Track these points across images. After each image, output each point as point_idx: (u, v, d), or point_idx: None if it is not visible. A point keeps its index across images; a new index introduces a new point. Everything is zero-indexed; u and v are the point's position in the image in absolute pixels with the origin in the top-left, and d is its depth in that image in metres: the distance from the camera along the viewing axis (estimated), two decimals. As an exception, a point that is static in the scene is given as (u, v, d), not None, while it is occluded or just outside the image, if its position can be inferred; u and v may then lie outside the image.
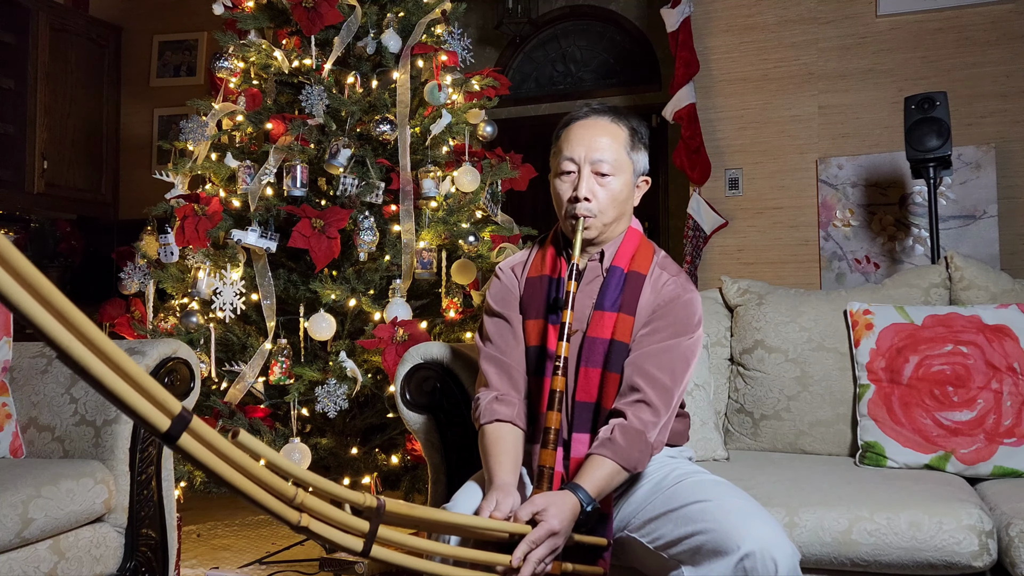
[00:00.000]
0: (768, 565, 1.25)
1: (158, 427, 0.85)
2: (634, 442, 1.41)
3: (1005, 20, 3.83)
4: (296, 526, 0.98)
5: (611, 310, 1.52)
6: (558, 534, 1.28)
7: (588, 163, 1.53)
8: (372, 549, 1.05)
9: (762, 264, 4.19)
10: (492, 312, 1.64)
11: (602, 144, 1.54)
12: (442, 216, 2.82)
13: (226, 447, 0.91)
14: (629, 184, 1.57)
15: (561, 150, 1.57)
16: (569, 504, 1.32)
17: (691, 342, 1.53)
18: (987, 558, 1.52)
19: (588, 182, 1.52)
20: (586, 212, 1.52)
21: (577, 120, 1.58)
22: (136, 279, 2.89)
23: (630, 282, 1.54)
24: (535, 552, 1.26)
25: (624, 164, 1.56)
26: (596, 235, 1.55)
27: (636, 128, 1.59)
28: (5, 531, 1.63)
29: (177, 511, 2.15)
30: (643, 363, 1.48)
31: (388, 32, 2.91)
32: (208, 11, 3.24)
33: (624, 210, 1.58)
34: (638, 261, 1.57)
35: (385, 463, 2.74)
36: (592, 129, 1.55)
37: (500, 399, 1.54)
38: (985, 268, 2.23)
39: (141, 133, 5.44)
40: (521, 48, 5.80)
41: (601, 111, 1.59)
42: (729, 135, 4.27)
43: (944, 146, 3.32)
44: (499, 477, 1.42)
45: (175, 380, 2.06)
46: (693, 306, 1.55)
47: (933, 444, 1.92)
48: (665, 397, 1.47)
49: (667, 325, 1.51)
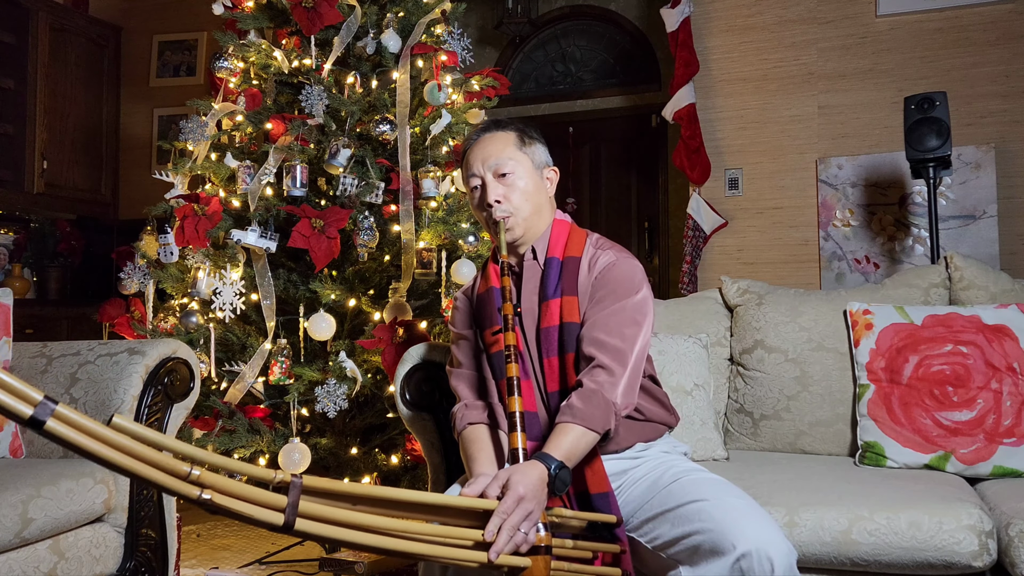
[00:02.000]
0: (764, 565, 1.25)
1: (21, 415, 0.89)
2: (591, 401, 1.44)
3: (1005, 20, 3.84)
4: (198, 501, 0.99)
5: (554, 296, 1.59)
6: (525, 498, 1.27)
7: (488, 170, 1.63)
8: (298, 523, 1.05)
9: (762, 264, 4.19)
10: (455, 337, 1.74)
11: (494, 150, 1.64)
12: (442, 216, 2.82)
13: (101, 431, 0.94)
14: (533, 177, 1.65)
15: (465, 172, 1.69)
16: (534, 470, 1.32)
17: (636, 300, 1.56)
18: (987, 558, 1.52)
19: (493, 187, 1.62)
20: (503, 213, 1.61)
21: (471, 144, 1.69)
22: (136, 279, 2.89)
23: (567, 266, 1.61)
24: (508, 520, 1.24)
25: (520, 159, 1.64)
26: (521, 232, 1.63)
27: (522, 128, 1.70)
28: (5, 531, 1.63)
29: (177, 511, 2.15)
30: (591, 332, 1.53)
31: (388, 32, 2.91)
32: (208, 11, 3.24)
33: (538, 202, 1.65)
34: (571, 247, 1.64)
35: (385, 463, 2.74)
36: (482, 143, 1.67)
37: (469, 406, 1.63)
38: (985, 268, 2.23)
39: (141, 133, 5.44)
40: (521, 48, 5.80)
41: (486, 127, 1.70)
42: (729, 135, 4.27)
43: (944, 146, 3.32)
44: (476, 470, 1.49)
45: (175, 380, 2.06)
46: (630, 268, 1.60)
47: (933, 444, 1.92)
48: (619, 357, 1.50)
49: (608, 293, 1.57)
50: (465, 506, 1.27)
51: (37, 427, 0.91)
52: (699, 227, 4.21)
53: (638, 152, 5.56)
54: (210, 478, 1.00)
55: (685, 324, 2.34)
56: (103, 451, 0.94)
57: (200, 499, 0.99)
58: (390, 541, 1.14)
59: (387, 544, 1.13)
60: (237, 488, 1.02)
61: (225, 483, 1.01)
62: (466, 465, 1.56)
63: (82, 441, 0.93)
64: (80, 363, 2.06)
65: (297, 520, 1.04)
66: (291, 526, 1.04)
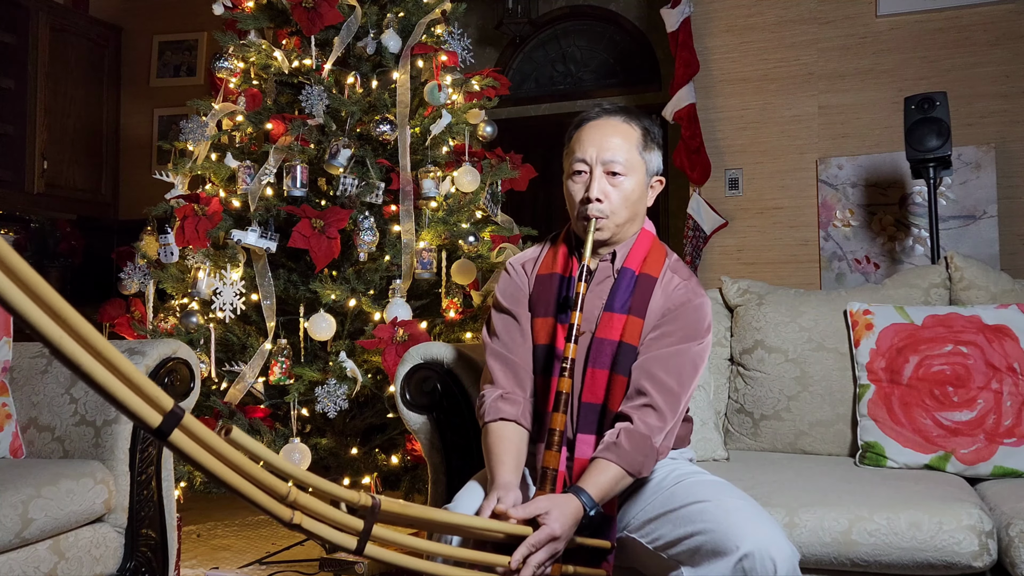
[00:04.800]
0: (767, 565, 1.25)
1: (149, 423, 0.86)
2: (639, 447, 1.40)
3: (1005, 20, 3.83)
4: (289, 523, 0.98)
5: (621, 312, 1.50)
6: (559, 539, 1.27)
7: (600, 163, 1.52)
8: (367, 547, 1.05)
9: (762, 264, 4.19)
10: (500, 308, 1.62)
11: (614, 144, 1.52)
12: (442, 216, 2.82)
13: (219, 444, 0.91)
14: (642, 184, 1.56)
15: (573, 151, 1.56)
16: (572, 508, 1.31)
17: (700, 347, 1.52)
18: (987, 558, 1.52)
19: (600, 183, 1.51)
20: (598, 213, 1.50)
21: (589, 121, 1.57)
22: (136, 279, 2.89)
23: (641, 284, 1.53)
24: (535, 556, 1.25)
25: (636, 164, 1.54)
26: (609, 236, 1.54)
27: (649, 128, 1.58)
28: (5, 531, 1.63)
29: (177, 511, 2.15)
30: (651, 367, 1.47)
31: (388, 32, 2.91)
32: (208, 11, 3.24)
33: (637, 211, 1.57)
34: (650, 264, 1.55)
35: (385, 463, 2.74)
36: (604, 129, 1.54)
37: (505, 397, 1.52)
38: (985, 268, 2.23)
39: (141, 133, 5.44)
40: (521, 48, 5.80)
41: (613, 111, 1.58)
42: (729, 135, 4.27)
43: (944, 146, 3.32)
44: (501, 476, 1.42)
45: (175, 380, 2.06)
46: (703, 311, 1.53)
47: (933, 444, 1.92)
48: (672, 402, 1.46)
49: (677, 329, 1.50)
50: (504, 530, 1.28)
51: (162, 438, 0.87)
52: (699, 227, 4.21)
53: (638, 152, 5.55)
54: (303, 500, 0.99)
55: (685, 324, 2.34)
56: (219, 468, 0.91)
57: (291, 522, 0.98)
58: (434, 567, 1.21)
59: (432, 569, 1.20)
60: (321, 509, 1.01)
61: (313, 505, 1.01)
62: (488, 461, 1.48)
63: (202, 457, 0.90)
64: (80, 363, 2.05)
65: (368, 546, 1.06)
66: (362, 551, 1.06)
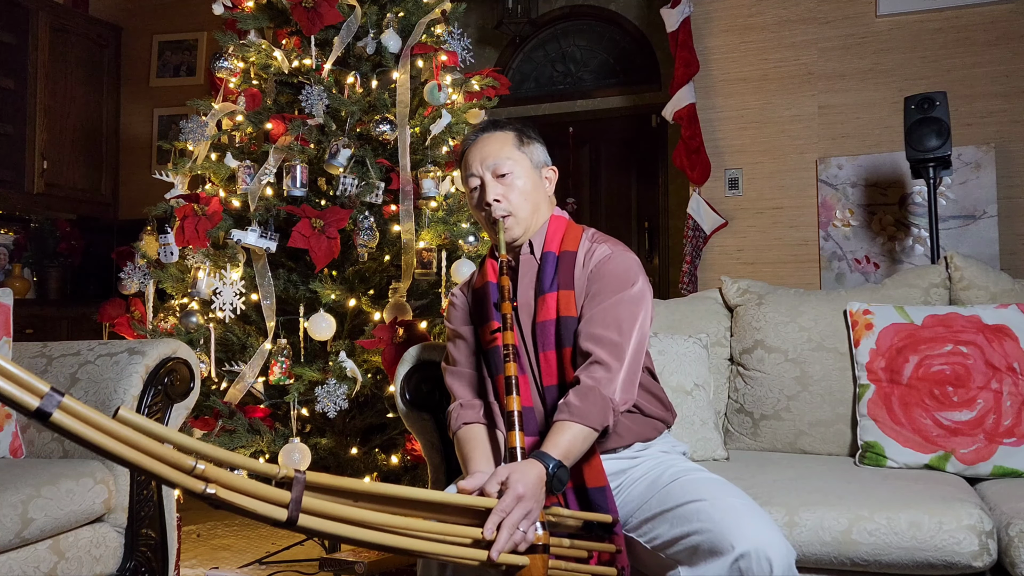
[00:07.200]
0: (763, 565, 1.25)
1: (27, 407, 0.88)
2: (588, 399, 1.44)
3: (1005, 20, 3.84)
4: (203, 495, 0.99)
5: (551, 291, 1.59)
6: (524, 497, 1.26)
7: (487, 170, 1.64)
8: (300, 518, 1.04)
9: (762, 264, 4.19)
10: (451, 334, 1.74)
11: (493, 150, 1.65)
12: (442, 216, 2.82)
13: (107, 423, 0.93)
14: (531, 176, 1.66)
15: (465, 173, 1.70)
16: (533, 469, 1.32)
17: (632, 293, 1.56)
18: (987, 558, 1.52)
19: (492, 186, 1.63)
20: (501, 212, 1.62)
21: (468, 145, 1.71)
22: (136, 279, 2.89)
23: (563, 260, 1.61)
24: (508, 518, 1.24)
25: (519, 159, 1.66)
26: (519, 232, 1.64)
27: (520, 128, 1.71)
28: (5, 531, 1.63)
29: (177, 511, 2.15)
30: (589, 328, 1.53)
31: (388, 32, 2.91)
32: (208, 11, 3.24)
33: (537, 200, 1.66)
34: (568, 241, 1.64)
35: (385, 463, 2.74)
36: (481, 143, 1.68)
37: (464, 405, 1.62)
38: (985, 268, 2.23)
39: (141, 133, 5.44)
40: (521, 48, 5.80)
41: (483, 128, 1.72)
42: (729, 135, 4.27)
43: (944, 146, 3.32)
44: (473, 468, 1.49)
45: (175, 380, 2.06)
46: (627, 261, 1.60)
47: (933, 444, 1.92)
48: (615, 351, 1.50)
49: (604, 287, 1.57)
50: (465, 504, 1.27)
51: (43, 419, 0.90)
52: (699, 227, 4.21)
53: (638, 152, 5.56)
54: (214, 472, 0.99)
55: (685, 324, 2.34)
56: (108, 443, 0.94)
57: (205, 493, 0.99)
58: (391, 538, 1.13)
59: (388, 541, 1.13)
60: (241, 483, 1.01)
61: (229, 478, 1.00)
62: (463, 465, 1.56)
63: (88, 433, 0.92)
64: (80, 363, 2.06)
65: (300, 516, 1.04)
66: (294, 522, 1.04)
